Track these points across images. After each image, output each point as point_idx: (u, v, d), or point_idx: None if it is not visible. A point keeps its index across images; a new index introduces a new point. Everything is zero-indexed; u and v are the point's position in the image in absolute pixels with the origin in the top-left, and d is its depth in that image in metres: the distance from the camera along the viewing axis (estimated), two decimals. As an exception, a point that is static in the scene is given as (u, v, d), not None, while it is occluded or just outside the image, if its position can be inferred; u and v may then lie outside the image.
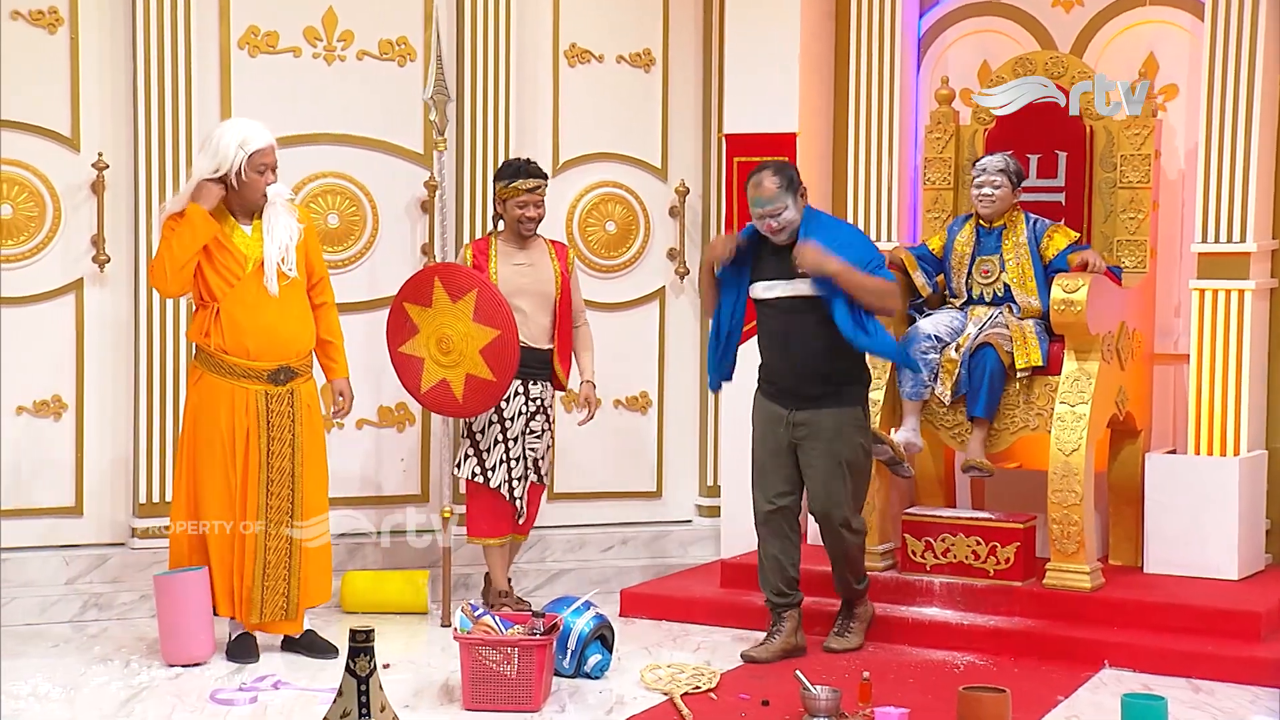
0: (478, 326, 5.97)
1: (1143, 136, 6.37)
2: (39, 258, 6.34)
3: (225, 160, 5.42)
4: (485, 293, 5.98)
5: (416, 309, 6.04)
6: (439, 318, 6.01)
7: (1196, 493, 6.16)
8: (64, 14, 6.32)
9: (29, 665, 5.51)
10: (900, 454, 6.14)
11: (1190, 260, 6.40)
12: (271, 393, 5.49)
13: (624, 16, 7.18)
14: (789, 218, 5.54)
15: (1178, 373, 6.55)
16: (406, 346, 6.07)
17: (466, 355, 5.99)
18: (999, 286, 6.26)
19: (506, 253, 6.22)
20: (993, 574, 6.05)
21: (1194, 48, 6.50)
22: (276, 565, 5.53)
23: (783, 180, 5.54)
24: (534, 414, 6.21)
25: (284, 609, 5.56)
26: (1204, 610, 5.76)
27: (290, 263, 5.54)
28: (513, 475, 6.17)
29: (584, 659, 5.39)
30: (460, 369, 6.00)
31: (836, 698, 4.87)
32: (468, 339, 5.98)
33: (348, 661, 3.48)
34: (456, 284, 5.98)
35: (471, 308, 5.97)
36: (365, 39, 6.77)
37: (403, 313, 6.06)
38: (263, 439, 5.48)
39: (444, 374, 6.02)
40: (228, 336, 5.45)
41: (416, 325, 6.04)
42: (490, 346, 5.96)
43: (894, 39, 6.84)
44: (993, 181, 6.18)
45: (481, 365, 5.98)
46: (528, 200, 6.15)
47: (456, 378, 6.01)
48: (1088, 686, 5.36)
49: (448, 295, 5.99)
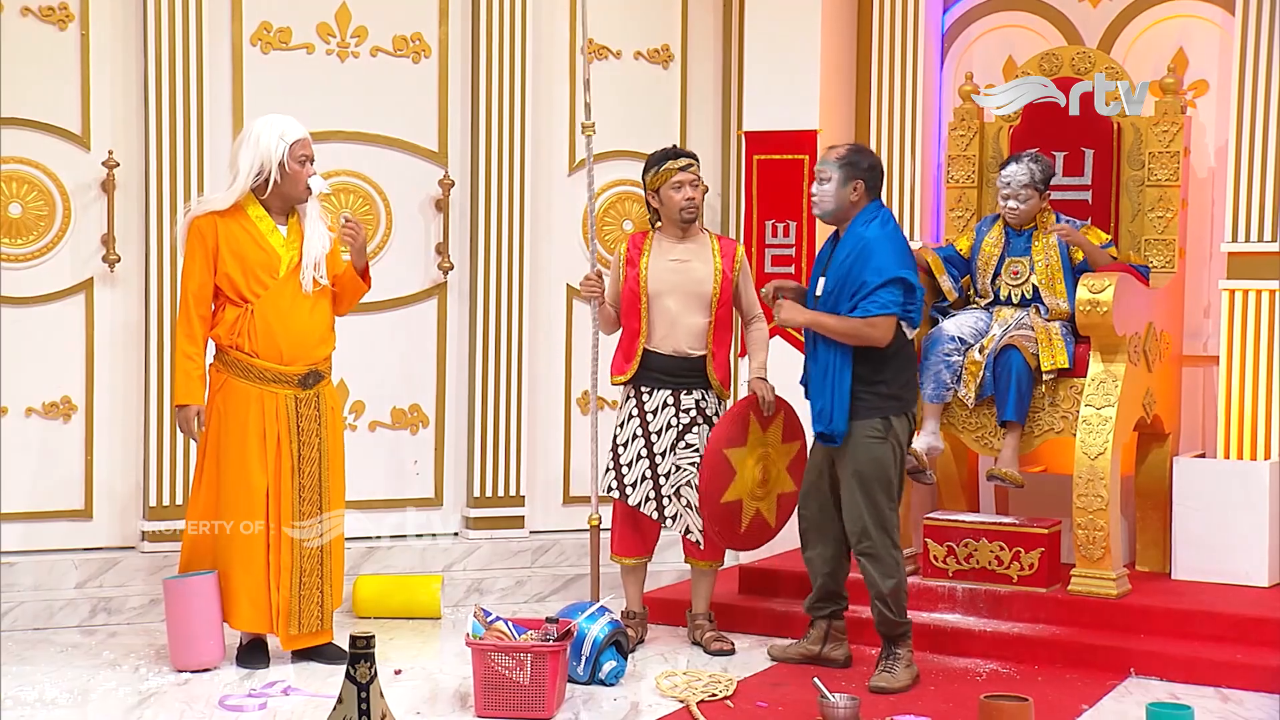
0: (786, 446, 5.82)
1: (1171, 134, 6.26)
2: (49, 257, 6.28)
3: (269, 153, 5.37)
4: (789, 411, 5.80)
5: (735, 451, 5.71)
6: (755, 451, 5.75)
7: (1226, 497, 6.06)
8: (74, 10, 6.26)
9: (37, 670, 5.45)
10: (923, 461, 6.04)
11: (1220, 260, 6.29)
12: (300, 396, 5.44)
13: (642, 12, 7.10)
14: (826, 193, 5.29)
15: (1207, 375, 6.45)
16: (727, 495, 5.71)
17: (777, 479, 5.84)
18: (1027, 288, 6.16)
19: (663, 247, 5.83)
20: (1016, 580, 5.94)
21: (1224, 43, 6.39)
22: (311, 574, 5.47)
23: (848, 156, 5.30)
24: (688, 426, 5.77)
25: (319, 619, 5.51)
26: (1233, 618, 5.65)
27: (322, 269, 5.48)
28: (661, 493, 5.81)
29: (599, 665, 5.30)
30: (773, 495, 5.85)
31: (855, 706, 4.78)
32: (778, 460, 5.82)
33: (348, 668, 3.41)
34: (769, 411, 5.75)
35: (780, 430, 5.79)
36: (379, 35, 6.70)
37: (721, 460, 5.66)
38: (294, 444, 5.43)
39: (758, 505, 5.81)
40: (261, 340, 5.38)
41: (735, 469, 5.70)
42: (795, 460, 5.83)
43: (917, 34, 6.75)
44: (1018, 195, 6.09)
45: (787, 480, 5.85)
46: (683, 180, 5.75)
47: (769, 505, 5.84)
48: (1113, 695, 5.27)
49: (759, 426, 5.75)
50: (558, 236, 7.00)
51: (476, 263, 6.79)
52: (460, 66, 6.81)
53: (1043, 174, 6.11)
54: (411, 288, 6.78)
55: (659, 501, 5.80)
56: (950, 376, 6.09)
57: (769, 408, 5.73)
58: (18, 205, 6.22)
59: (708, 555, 5.89)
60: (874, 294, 5.19)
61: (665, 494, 5.78)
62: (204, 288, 5.43)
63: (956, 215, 6.66)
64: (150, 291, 6.34)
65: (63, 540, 6.32)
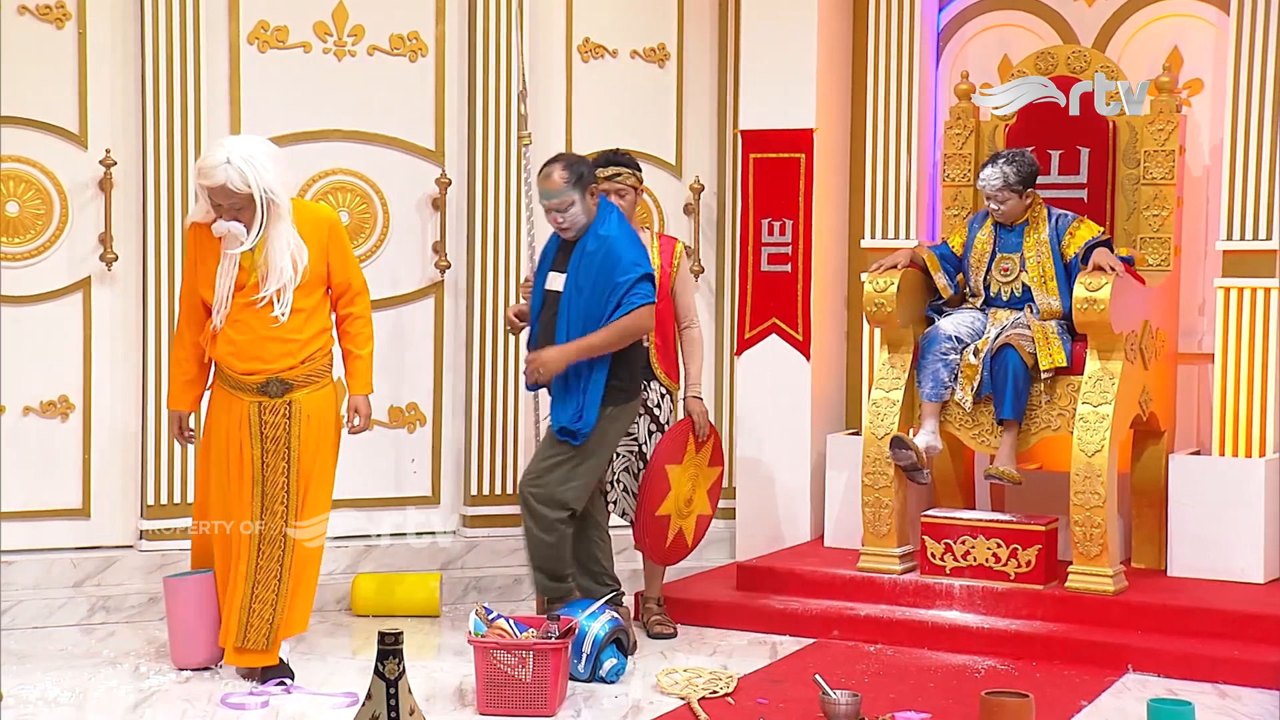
0: (710, 470, 6.04)
1: (1166, 132, 6.28)
2: (46, 256, 6.28)
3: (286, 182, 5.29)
4: (718, 438, 6.09)
5: (673, 468, 5.91)
6: (688, 470, 5.96)
7: (1221, 494, 6.07)
8: (71, 9, 6.26)
9: (36, 669, 5.45)
10: (922, 460, 6.06)
11: (1215, 258, 6.31)
12: (265, 404, 5.29)
13: (638, 10, 7.11)
14: (576, 216, 5.49)
15: (1202, 372, 6.46)
16: (661, 509, 5.92)
17: (699, 501, 6.03)
18: (1018, 286, 6.17)
19: None
20: (1014, 577, 5.96)
21: (1219, 42, 6.40)
22: (265, 586, 5.28)
23: (572, 175, 5.47)
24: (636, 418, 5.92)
25: (266, 638, 5.26)
26: (1229, 614, 5.67)
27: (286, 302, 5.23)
28: (604, 477, 5.87)
29: (599, 663, 5.31)
30: (694, 515, 6.03)
31: (856, 702, 4.80)
32: (703, 482, 6.03)
33: (376, 665, 3.41)
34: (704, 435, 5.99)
35: (709, 453, 6.03)
36: (376, 34, 6.70)
37: (662, 475, 5.88)
38: (255, 450, 5.28)
39: (681, 524, 5.99)
40: (220, 347, 5.30)
41: (670, 485, 5.91)
42: (714, 484, 6.09)
43: (913, 32, 6.76)
44: (996, 198, 6.11)
45: (706, 502, 6.06)
46: (608, 189, 5.83)
47: (690, 525, 6.02)
48: (1111, 691, 5.29)
49: (694, 446, 5.97)
50: (554, 235, 7.01)
51: (473, 262, 6.79)
52: (457, 65, 6.81)
53: (1018, 173, 6.08)
54: (408, 286, 6.78)
55: (601, 485, 5.92)
56: (948, 375, 6.11)
57: (703, 433, 5.98)
58: (15, 204, 6.22)
59: None
60: (631, 290, 5.46)
61: (608, 479, 5.92)
62: (189, 294, 5.37)
63: (952, 214, 6.67)
64: (148, 290, 6.33)
65: (61, 539, 6.32)
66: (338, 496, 6.31)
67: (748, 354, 6.96)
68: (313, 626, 6.09)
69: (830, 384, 7.03)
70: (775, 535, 6.86)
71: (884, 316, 6.22)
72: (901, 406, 6.17)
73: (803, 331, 6.85)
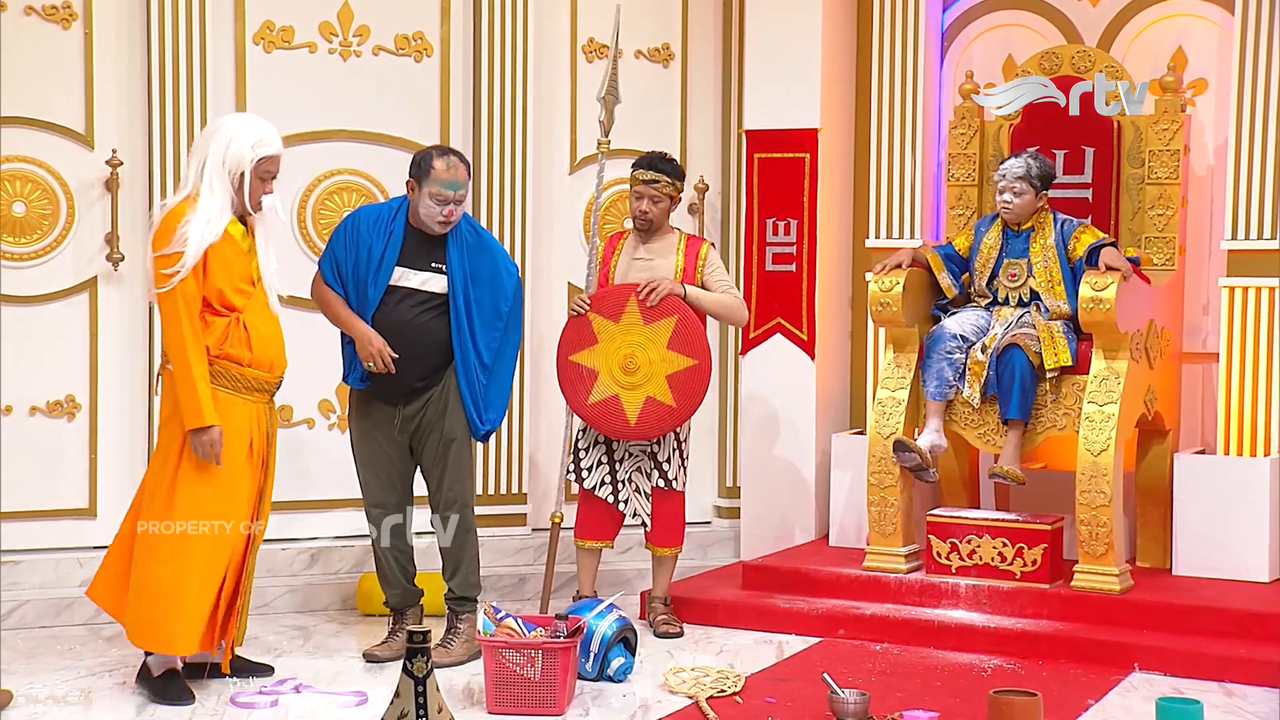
0: (671, 354, 5.84)
1: (1171, 132, 6.29)
2: (52, 256, 6.28)
3: (239, 160, 5.06)
4: (686, 322, 5.85)
5: (602, 321, 5.89)
6: (628, 336, 5.87)
7: (1226, 493, 6.08)
8: (78, 9, 6.25)
9: (44, 668, 5.45)
10: (927, 460, 6.06)
11: (1220, 258, 6.32)
12: (270, 406, 5.28)
13: (642, 11, 7.10)
14: (463, 210, 5.55)
15: (1207, 372, 6.48)
16: (580, 355, 5.91)
17: (653, 379, 5.85)
18: (1025, 291, 6.18)
19: (631, 247, 6.06)
20: (1020, 576, 5.97)
21: (1224, 41, 6.42)
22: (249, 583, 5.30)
23: (465, 169, 5.53)
24: None
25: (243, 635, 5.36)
26: (1235, 613, 5.68)
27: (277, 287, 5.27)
28: (618, 478, 5.95)
29: (607, 662, 5.32)
30: (642, 391, 5.85)
31: (865, 701, 4.81)
32: (657, 364, 5.85)
33: (405, 662, 3.42)
34: (657, 307, 5.85)
35: (668, 334, 5.85)
36: (381, 34, 6.71)
37: (586, 323, 5.91)
38: (271, 452, 5.28)
39: (619, 392, 5.86)
40: (255, 348, 5.14)
41: (597, 337, 5.88)
42: (680, 374, 5.83)
43: (917, 32, 6.77)
44: (1013, 188, 6.11)
45: (665, 391, 5.84)
46: (642, 192, 5.91)
47: (634, 399, 5.85)
48: (1118, 690, 5.29)
49: (642, 317, 5.86)
50: (558, 235, 7.02)
51: (478, 261, 6.79)
52: (462, 65, 6.82)
53: (1040, 170, 6.12)
54: (413, 286, 6.78)
55: (615, 486, 5.93)
56: (953, 374, 6.12)
57: (649, 300, 5.83)
58: (21, 204, 6.22)
59: (667, 542, 6.02)
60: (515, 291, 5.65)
61: (620, 479, 5.91)
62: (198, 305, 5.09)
63: (957, 214, 6.68)
64: (154, 290, 6.33)
65: (67, 539, 6.31)
66: (344, 496, 6.36)
67: (752, 353, 6.97)
68: (320, 626, 6.12)
69: (835, 383, 7.05)
70: (781, 535, 6.87)
71: (889, 316, 6.23)
72: (907, 406, 6.17)
73: (807, 331, 6.86)
